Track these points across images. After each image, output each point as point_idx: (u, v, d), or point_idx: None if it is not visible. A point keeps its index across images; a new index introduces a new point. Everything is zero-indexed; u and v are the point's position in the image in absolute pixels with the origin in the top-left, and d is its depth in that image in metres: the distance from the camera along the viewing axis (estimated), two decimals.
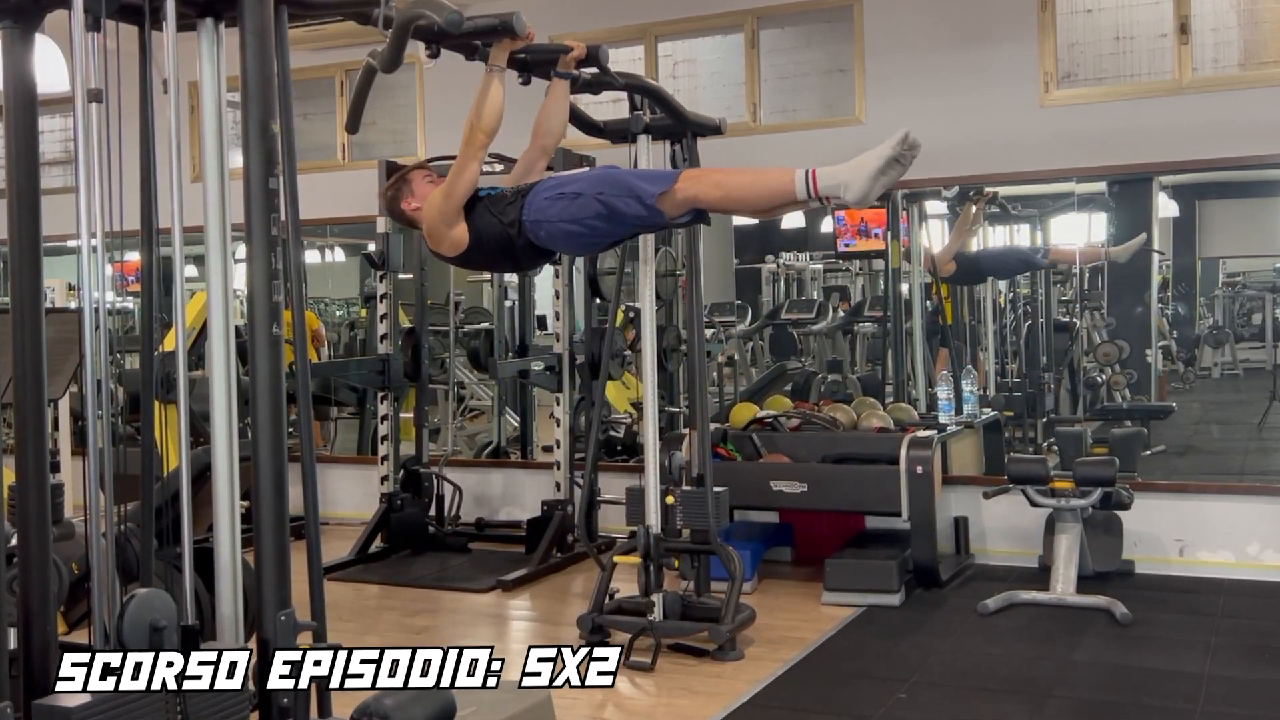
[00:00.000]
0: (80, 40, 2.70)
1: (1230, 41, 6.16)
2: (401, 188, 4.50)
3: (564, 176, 4.29)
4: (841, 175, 3.85)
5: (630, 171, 4.10)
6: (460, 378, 8.71)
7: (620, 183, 4.06)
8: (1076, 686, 4.51)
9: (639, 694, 4.61)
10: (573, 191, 4.12)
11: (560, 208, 4.14)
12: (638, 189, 4.02)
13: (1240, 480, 6.46)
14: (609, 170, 4.22)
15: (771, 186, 3.96)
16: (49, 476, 2.86)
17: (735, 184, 4.02)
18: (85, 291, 2.74)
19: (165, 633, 2.50)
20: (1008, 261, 7.45)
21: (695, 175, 4.07)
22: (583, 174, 4.23)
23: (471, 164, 4.16)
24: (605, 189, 4.07)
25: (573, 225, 4.14)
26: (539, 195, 4.21)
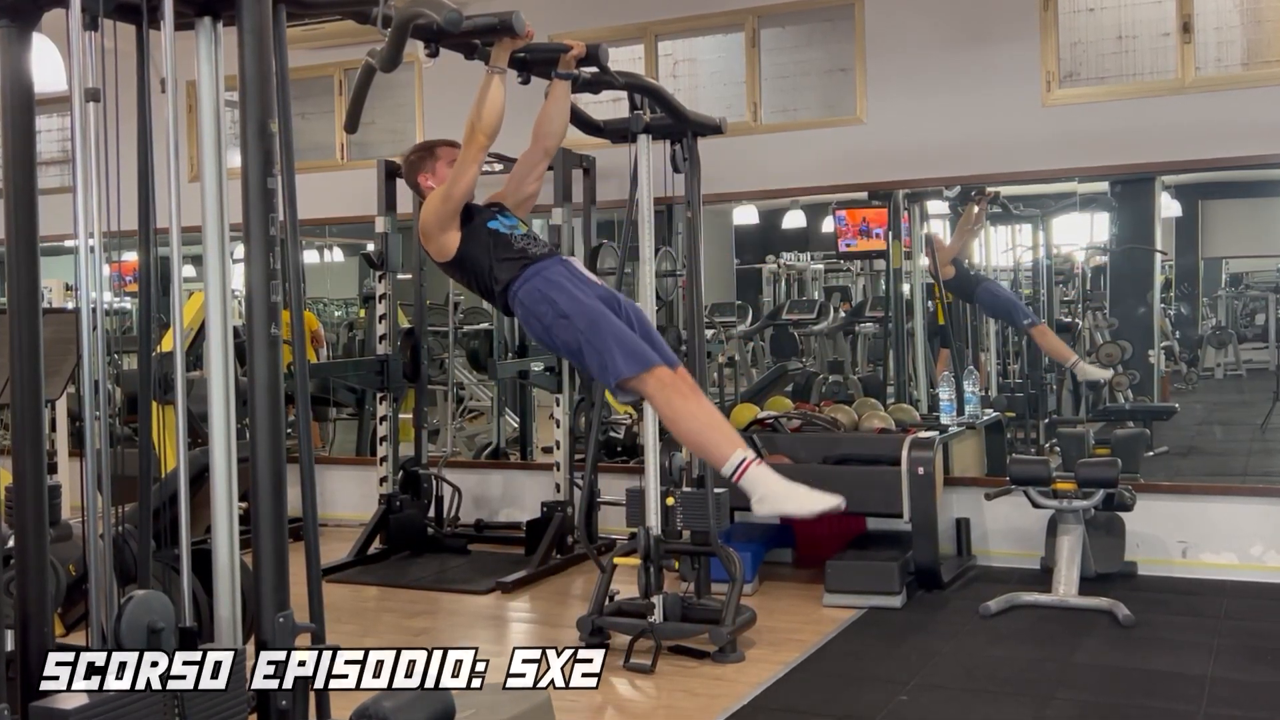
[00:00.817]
0: (77, 39, 2.69)
1: (1233, 41, 6.15)
2: (425, 159, 4.45)
3: (567, 288, 4.15)
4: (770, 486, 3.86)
5: (617, 335, 4.03)
6: (459, 378, 8.70)
7: (603, 341, 4.03)
8: (1079, 688, 4.50)
9: (639, 696, 4.60)
10: (564, 310, 4.09)
11: (544, 310, 4.13)
12: (611, 360, 4.01)
13: (1243, 481, 6.44)
14: (603, 315, 4.09)
15: (709, 446, 3.97)
16: (46, 478, 2.86)
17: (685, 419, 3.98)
18: (83, 292, 2.73)
19: (163, 634, 2.49)
20: (996, 306, 7.39)
21: (663, 383, 4.01)
22: (582, 300, 4.11)
23: (471, 167, 4.12)
24: (590, 336, 4.04)
25: (543, 332, 4.17)
26: (538, 282, 4.15)
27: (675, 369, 4.09)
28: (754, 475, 3.86)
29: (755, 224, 8.16)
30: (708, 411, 4.03)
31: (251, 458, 2.76)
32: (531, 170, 4.52)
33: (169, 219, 2.77)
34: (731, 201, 7.56)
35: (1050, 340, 7.10)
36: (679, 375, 4.08)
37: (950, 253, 7.17)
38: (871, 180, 6.95)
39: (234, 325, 2.88)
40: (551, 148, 4.51)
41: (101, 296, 2.77)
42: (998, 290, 7.36)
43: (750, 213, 8.06)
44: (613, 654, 4.97)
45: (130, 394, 5.10)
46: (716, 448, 3.92)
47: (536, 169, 4.51)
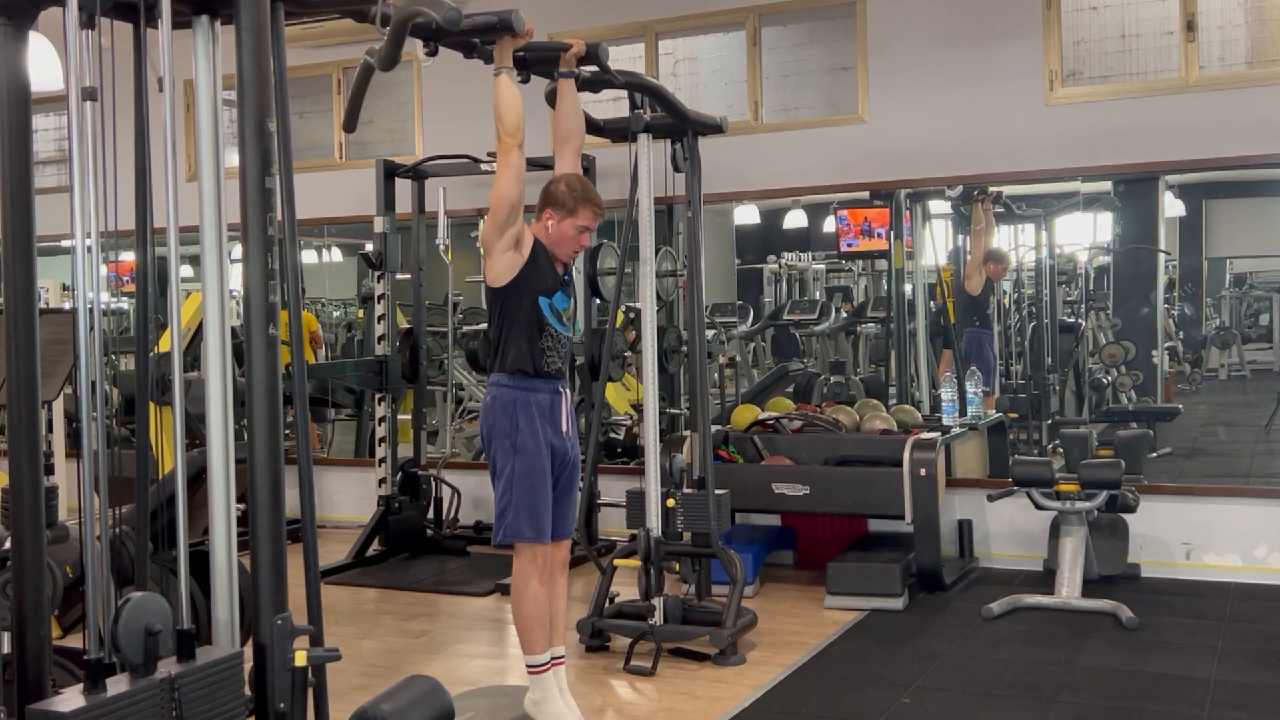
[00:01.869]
0: (74, 38, 2.67)
1: (1237, 39, 6.13)
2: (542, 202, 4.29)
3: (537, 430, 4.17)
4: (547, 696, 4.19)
5: (535, 499, 4.14)
6: (459, 379, 8.67)
7: (523, 496, 4.13)
8: (1082, 691, 4.48)
9: (639, 698, 4.58)
10: (515, 444, 4.13)
11: (506, 424, 4.14)
12: (515, 517, 4.13)
13: (1247, 483, 6.43)
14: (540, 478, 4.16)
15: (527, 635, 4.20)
16: (43, 479, 2.85)
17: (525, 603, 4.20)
18: (80, 292, 2.70)
19: (160, 637, 2.47)
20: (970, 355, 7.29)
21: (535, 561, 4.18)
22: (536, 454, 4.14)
23: (506, 170, 4.00)
24: (518, 481, 4.13)
25: (488, 431, 4.21)
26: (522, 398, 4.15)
27: (559, 543, 4.29)
28: (545, 680, 4.18)
29: (756, 224, 8.15)
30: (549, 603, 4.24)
31: (249, 459, 2.75)
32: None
33: (166, 219, 2.75)
34: (732, 201, 7.54)
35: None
36: (555, 550, 4.28)
37: (976, 264, 7.14)
38: (873, 180, 6.94)
39: (232, 326, 2.87)
40: (579, 146, 4.42)
41: (99, 297, 2.75)
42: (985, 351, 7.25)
43: (751, 212, 8.05)
44: (613, 656, 4.97)
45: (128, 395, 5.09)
46: (535, 640, 4.19)
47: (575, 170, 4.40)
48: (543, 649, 4.19)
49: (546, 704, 4.16)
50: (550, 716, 4.15)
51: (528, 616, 4.18)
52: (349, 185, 7.84)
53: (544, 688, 4.18)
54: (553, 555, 4.26)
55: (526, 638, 4.19)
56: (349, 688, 4.33)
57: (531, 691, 4.20)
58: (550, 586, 4.25)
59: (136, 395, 3.03)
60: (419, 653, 5.22)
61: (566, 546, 4.38)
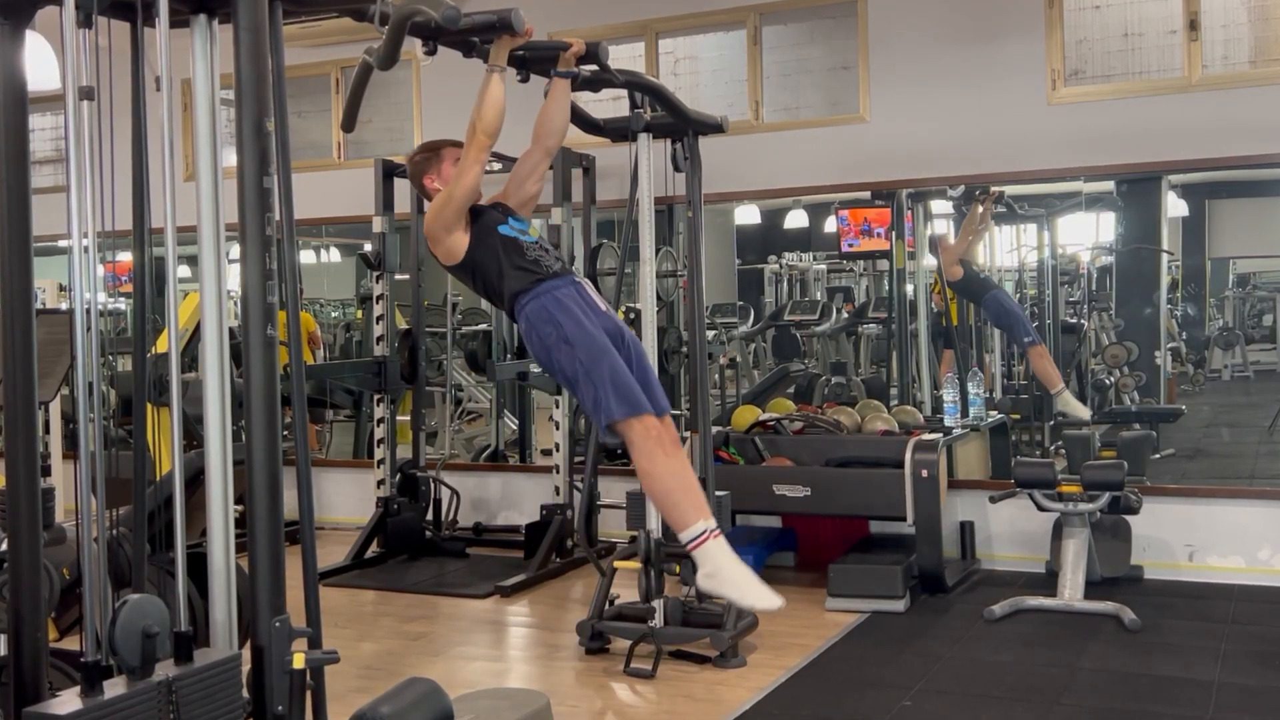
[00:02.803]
0: (71, 37, 2.68)
1: (1240, 38, 6.11)
2: (430, 161, 4.44)
3: (575, 313, 4.15)
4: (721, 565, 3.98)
5: (613, 377, 4.05)
6: (458, 380, 8.65)
7: (600, 376, 4.05)
8: (1084, 694, 4.46)
9: (640, 701, 4.56)
10: (568, 337, 4.10)
11: (548, 331, 4.14)
12: (605, 399, 4.05)
13: (1251, 484, 6.40)
14: (606, 351, 4.11)
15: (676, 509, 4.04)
16: (39, 480, 2.86)
17: (662, 475, 4.04)
18: (77, 292, 2.71)
19: (158, 639, 2.47)
20: (1001, 317, 7.31)
21: (649, 433, 4.06)
22: (590, 333, 4.11)
23: (474, 167, 4.12)
24: (589, 367, 4.07)
25: (541, 350, 4.19)
26: (545, 301, 4.15)
27: (663, 418, 4.15)
28: (710, 550, 3.98)
29: (757, 224, 8.12)
30: (685, 472, 4.09)
31: (247, 460, 2.75)
32: (533, 171, 4.51)
33: (164, 219, 2.75)
34: (733, 201, 7.52)
35: (1044, 364, 7.03)
36: (665, 426, 4.15)
37: (956, 253, 7.13)
38: (874, 179, 6.91)
39: (230, 326, 2.87)
40: (552, 147, 4.51)
41: (96, 297, 2.75)
42: (1007, 302, 7.29)
43: (752, 212, 8.03)
44: (613, 659, 4.95)
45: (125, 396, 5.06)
46: (684, 513, 3.99)
47: (538, 169, 4.51)
48: (695, 518, 3.96)
49: (721, 573, 3.94)
50: (731, 585, 3.94)
51: (667, 491, 3.99)
52: (347, 185, 7.82)
53: (711, 558, 3.95)
54: (663, 430, 4.11)
55: (674, 514, 3.99)
56: (347, 690, 4.32)
57: (701, 567, 3.96)
58: (675, 458, 4.06)
59: (134, 396, 3.03)
60: (418, 655, 5.21)
61: (670, 421, 4.21)
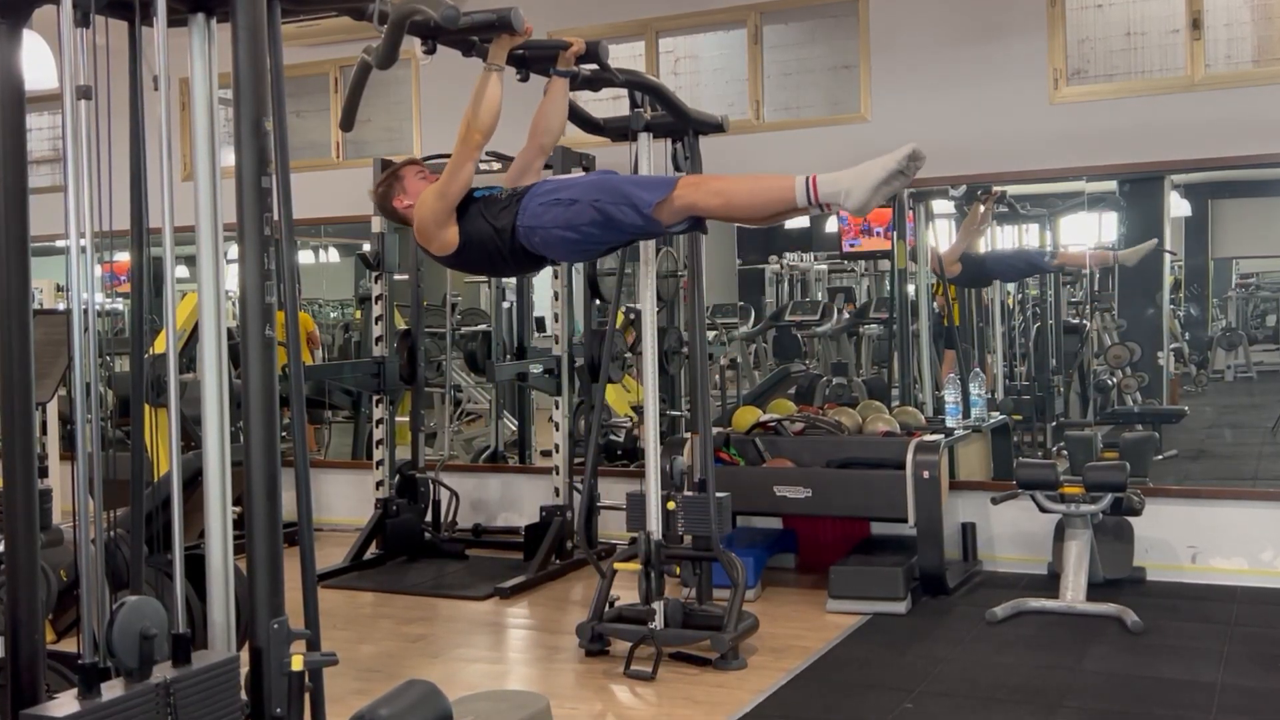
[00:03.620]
0: (69, 36, 2.67)
1: (1243, 37, 6.09)
2: (393, 184, 4.45)
3: (560, 181, 4.25)
4: (844, 182, 3.83)
5: (628, 178, 4.09)
6: (457, 381, 8.64)
7: (617, 190, 4.03)
8: (1087, 696, 4.45)
9: (640, 704, 4.55)
10: (569, 198, 4.09)
11: (555, 214, 4.11)
12: (634, 197, 3.99)
13: (1254, 485, 6.39)
14: (606, 176, 4.17)
15: (773, 193, 3.94)
16: (37, 482, 2.83)
17: (736, 190, 3.99)
18: (74, 293, 2.69)
19: (156, 641, 2.46)
20: (1014, 264, 7.36)
21: (694, 182, 4.04)
22: (579, 179, 4.21)
23: (467, 164, 4.12)
24: (602, 196, 4.04)
25: (568, 232, 4.12)
26: (534, 200, 4.17)
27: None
28: (825, 185, 3.84)
29: None
30: (744, 179, 4.02)
31: (246, 461, 2.73)
32: (528, 169, 4.51)
33: (162, 219, 2.74)
34: None
35: (1077, 257, 7.01)
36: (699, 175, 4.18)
37: (955, 253, 7.12)
38: None
39: (228, 327, 2.86)
40: (549, 145, 4.50)
41: (93, 298, 2.73)
42: (1004, 253, 7.28)
43: None
44: (613, 661, 4.94)
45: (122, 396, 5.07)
46: (780, 192, 3.89)
47: (533, 167, 4.50)
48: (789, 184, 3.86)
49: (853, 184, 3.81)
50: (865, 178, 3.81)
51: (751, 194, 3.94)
52: (346, 185, 7.80)
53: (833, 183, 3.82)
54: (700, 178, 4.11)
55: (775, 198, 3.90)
56: (346, 692, 4.30)
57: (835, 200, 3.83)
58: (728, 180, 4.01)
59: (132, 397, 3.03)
60: (417, 657, 5.19)
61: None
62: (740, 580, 5.01)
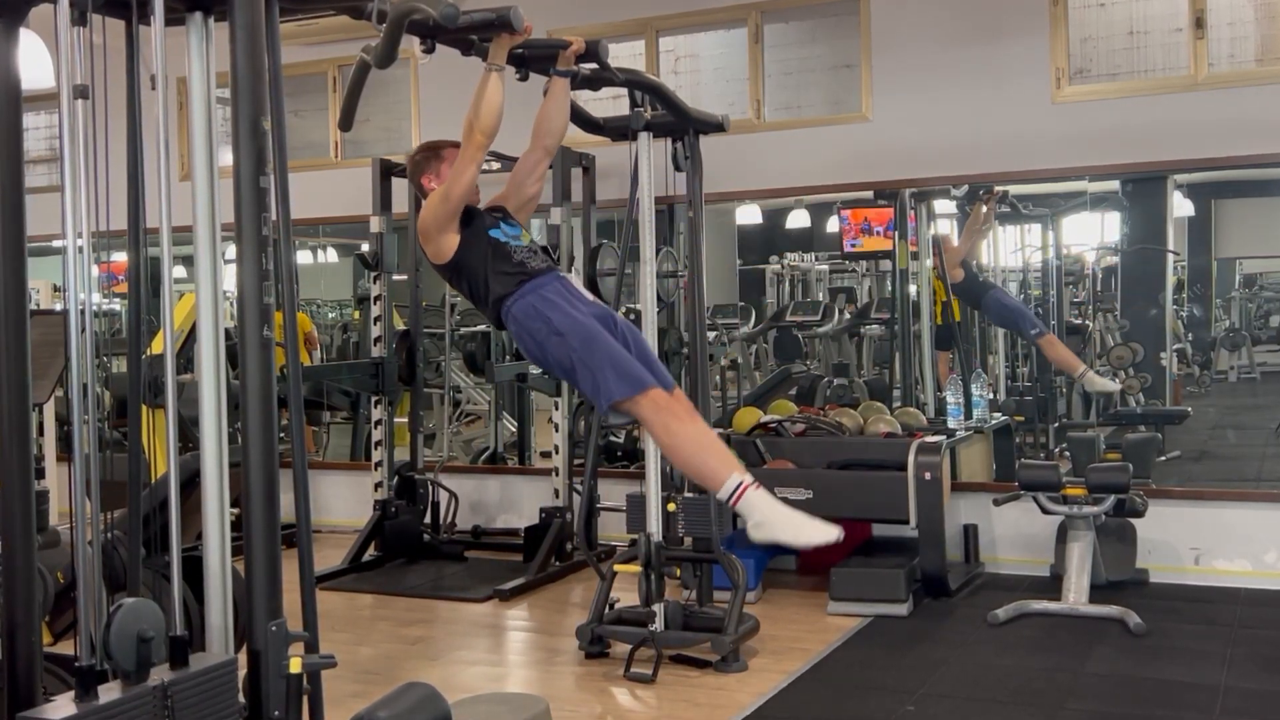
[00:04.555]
0: (65, 35, 2.68)
1: (1247, 36, 6.08)
2: (430, 160, 4.40)
3: (562, 305, 4.11)
4: (766, 511, 3.85)
5: (611, 356, 4.00)
6: (456, 381, 8.62)
7: (597, 359, 4.00)
8: (1089, 698, 4.43)
9: (640, 706, 4.54)
10: (560, 328, 4.06)
11: (539, 328, 4.10)
12: (604, 381, 3.98)
13: (1257, 487, 6.37)
14: (598, 335, 4.05)
15: (705, 470, 3.95)
16: (33, 483, 2.83)
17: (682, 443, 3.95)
18: (71, 293, 2.71)
19: (153, 643, 2.46)
20: (1004, 316, 7.28)
21: (658, 405, 3.97)
22: (581, 317, 4.08)
23: (469, 166, 4.09)
24: (584, 354, 4.01)
25: (535, 348, 4.14)
26: (531, 299, 4.12)
27: (671, 390, 4.08)
28: (751, 499, 3.85)
29: (758, 224, 8.11)
30: (705, 434, 4.01)
31: (244, 463, 2.73)
32: (532, 171, 4.47)
33: (159, 218, 2.75)
34: (734, 201, 7.50)
35: (1059, 351, 7.00)
36: (675, 397, 4.07)
37: (959, 254, 7.10)
38: (877, 179, 6.88)
39: (226, 327, 2.86)
40: (552, 146, 4.47)
41: (90, 298, 2.74)
42: (1006, 300, 7.26)
43: (753, 212, 8.01)
44: (613, 663, 4.93)
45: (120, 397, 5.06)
46: (714, 472, 3.91)
47: (537, 169, 4.47)
48: (726, 475, 3.86)
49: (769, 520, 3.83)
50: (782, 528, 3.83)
51: (690, 456, 3.92)
52: (345, 184, 7.78)
53: (755, 508, 3.84)
54: (673, 400, 4.03)
55: (705, 476, 3.93)
56: (345, 695, 4.28)
57: (748, 519, 3.86)
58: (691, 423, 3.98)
59: (129, 398, 3.04)
60: (416, 659, 5.18)
61: (681, 394, 4.14)
62: (741, 582, 4.99)
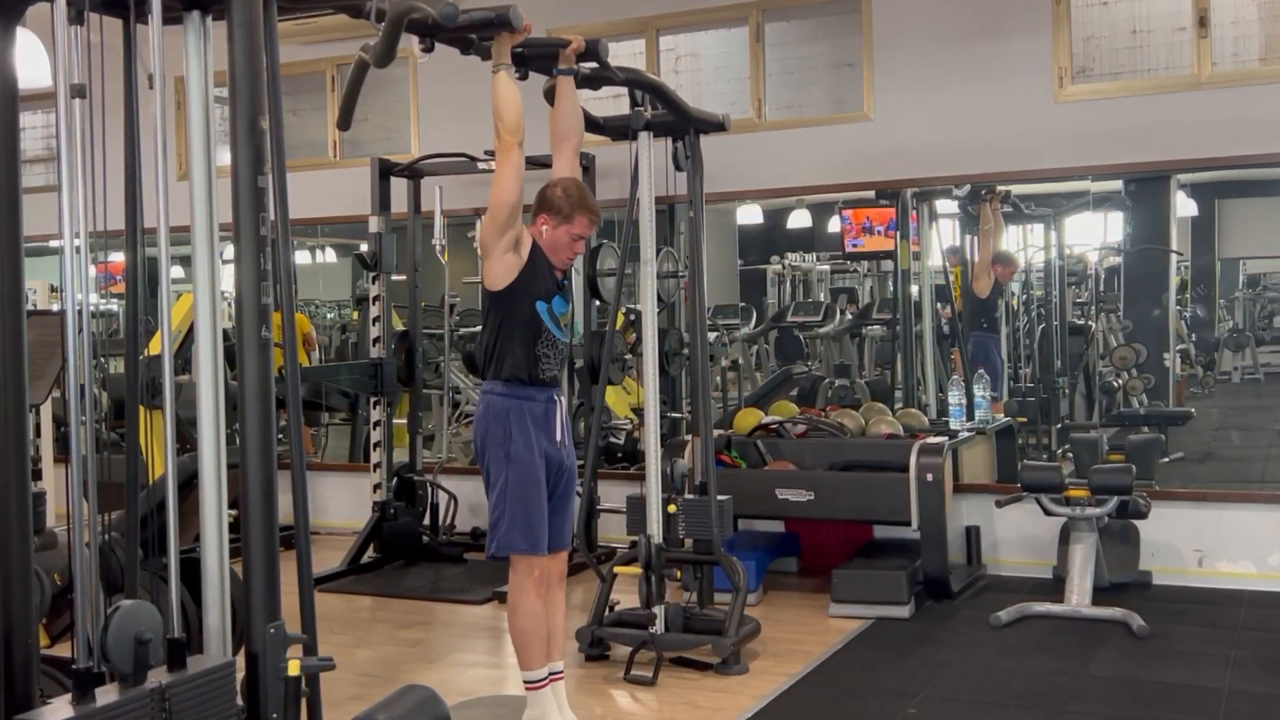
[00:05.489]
0: (63, 34, 2.66)
1: (1250, 35, 6.07)
2: (542, 206, 4.20)
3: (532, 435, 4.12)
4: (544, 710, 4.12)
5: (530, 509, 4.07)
6: (455, 382, 8.61)
7: (516, 506, 4.06)
8: (1092, 701, 4.43)
9: (640, 709, 4.53)
10: (511, 455, 4.07)
11: (498, 431, 4.10)
12: (508, 529, 4.07)
13: (1261, 488, 6.38)
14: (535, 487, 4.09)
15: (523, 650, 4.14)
16: (30, 484, 2.81)
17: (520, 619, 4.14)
18: (68, 293, 2.69)
19: (151, 646, 2.45)
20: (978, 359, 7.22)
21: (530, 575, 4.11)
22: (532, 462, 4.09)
23: (506, 170, 3.96)
24: (513, 493, 4.06)
25: (481, 441, 4.16)
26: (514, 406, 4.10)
27: (556, 554, 4.20)
28: (543, 696, 4.11)
29: (759, 224, 8.12)
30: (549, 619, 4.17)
31: (242, 464, 2.72)
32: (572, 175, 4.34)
33: (157, 218, 2.73)
34: (735, 201, 7.50)
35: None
36: (554, 562, 4.21)
37: (985, 265, 7.06)
38: (879, 179, 6.87)
39: (223, 328, 2.85)
40: (578, 145, 4.38)
41: (87, 298, 2.72)
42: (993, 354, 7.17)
43: (754, 212, 8.01)
44: (613, 665, 4.92)
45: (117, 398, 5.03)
46: (530, 655, 4.13)
47: (574, 172, 4.34)
48: (540, 664, 4.10)
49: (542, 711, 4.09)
50: None
51: (524, 631, 4.10)
52: (343, 184, 7.78)
53: (542, 704, 4.10)
54: (550, 568, 4.18)
55: (523, 653, 4.11)
56: (343, 697, 4.26)
57: (530, 709, 4.11)
58: (548, 600, 4.17)
59: (126, 399, 3.03)
60: (415, 662, 5.16)
61: (563, 559, 4.28)
62: (742, 584, 4.98)
